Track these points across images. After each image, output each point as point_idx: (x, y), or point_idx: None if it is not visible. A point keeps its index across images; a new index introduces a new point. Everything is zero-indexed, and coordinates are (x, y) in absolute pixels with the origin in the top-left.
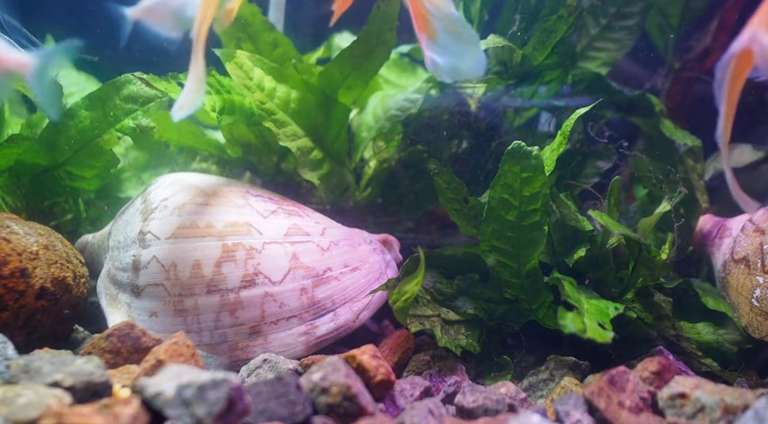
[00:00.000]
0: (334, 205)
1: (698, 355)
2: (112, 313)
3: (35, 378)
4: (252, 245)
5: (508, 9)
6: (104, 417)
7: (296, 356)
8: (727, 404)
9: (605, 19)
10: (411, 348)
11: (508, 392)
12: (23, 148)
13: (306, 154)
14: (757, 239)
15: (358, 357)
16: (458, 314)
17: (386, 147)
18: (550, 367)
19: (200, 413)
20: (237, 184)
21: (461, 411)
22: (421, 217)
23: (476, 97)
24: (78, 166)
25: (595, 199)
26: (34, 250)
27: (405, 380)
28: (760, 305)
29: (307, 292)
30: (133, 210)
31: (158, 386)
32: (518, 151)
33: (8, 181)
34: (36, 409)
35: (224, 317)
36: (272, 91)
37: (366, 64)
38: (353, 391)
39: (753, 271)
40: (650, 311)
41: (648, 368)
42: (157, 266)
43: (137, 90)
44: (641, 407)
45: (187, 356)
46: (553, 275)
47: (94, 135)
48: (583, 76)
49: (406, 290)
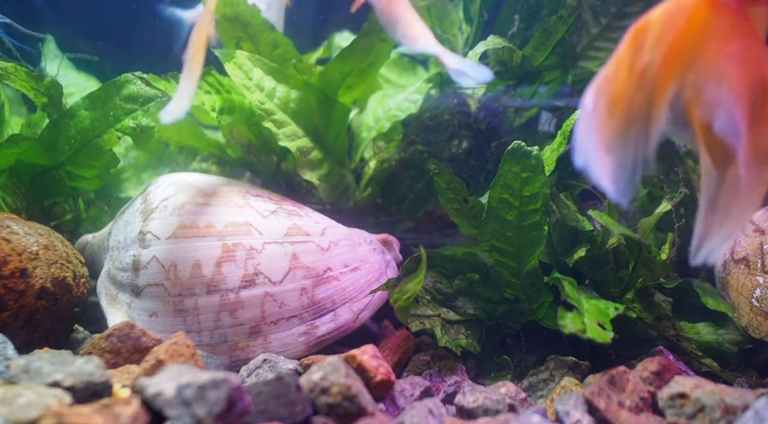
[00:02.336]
0: (334, 206)
1: (698, 355)
2: (112, 313)
3: (35, 378)
4: (252, 245)
5: (508, 9)
6: (104, 417)
7: (296, 356)
8: (727, 404)
9: (605, 19)
10: (411, 348)
11: (508, 392)
12: (23, 148)
13: (306, 155)
14: (757, 239)
15: (358, 357)
16: (458, 314)
17: (386, 147)
18: (550, 367)
19: (200, 413)
20: (237, 184)
21: (461, 411)
22: (421, 217)
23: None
24: (78, 166)
25: (595, 199)
26: (34, 250)
27: (405, 380)
28: (760, 305)
29: (307, 292)
30: (133, 210)
31: (158, 386)
32: (518, 151)
33: (8, 181)
34: (36, 409)
35: (224, 317)
36: (272, 91)
37: (366, 64)
38: (353, 391)
39: (753, 271)
40: (650, 311)
41: (648, 368)
42: (157, 266)
43: (137, 90)
44: (641, 407)
45: (187, 356)
46: (553, 275)
47: (94, 135)
48: (583, 76)
49: (407, 289)
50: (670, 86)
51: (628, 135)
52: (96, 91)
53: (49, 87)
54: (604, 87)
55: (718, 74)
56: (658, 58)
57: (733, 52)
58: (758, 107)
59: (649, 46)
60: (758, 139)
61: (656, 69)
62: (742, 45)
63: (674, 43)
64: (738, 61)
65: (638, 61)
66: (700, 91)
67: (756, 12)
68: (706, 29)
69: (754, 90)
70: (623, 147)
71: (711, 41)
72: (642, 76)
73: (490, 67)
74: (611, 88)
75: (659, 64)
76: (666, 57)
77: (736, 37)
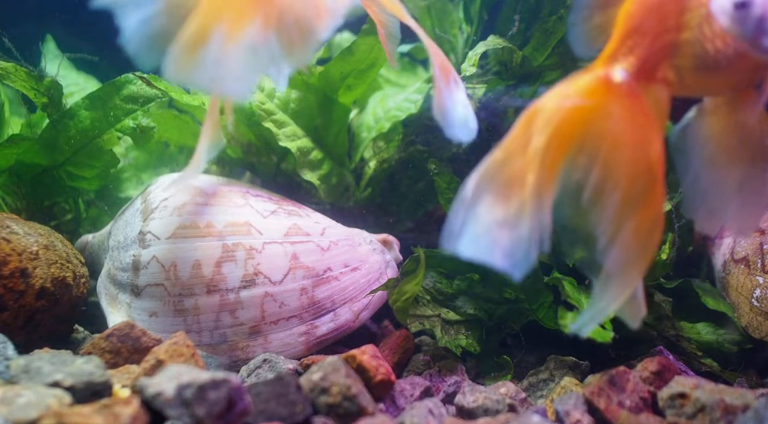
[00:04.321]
0: (334, 206)
1: (698, 355)
2: (112, 313)
3: (35, 378)
4: (252, 245)
5: (508, 9)
6: (104, 417)
7: (296, 356)
8: (727, 404)
9: None
10: (411, 348)
11: (508, 392)
12: (23, 148)
13: (306, 155)
14: (757, 239)
15: (358, 357)
16: (458, 314)
17: (386, 147)
18: (550, 367)
19: (200, 413)
20: (237, 184)
21: (461, 411)
22: (421, 217)
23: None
24: (78, 166)
25: None
26: (34, 250)
27: (405, 380)
28: (760, 305)
29: (307, 292)
30: (133, 210)
31: (158, 386)
32: None
33: (8, 181)
34: (36, 409)
35: (224, 317)
36: (272, 92)
37: (366, 65)
38: (353, 391)
39: (753, 271)
40: (650, 311)
41: (648, 368)
42: (157, 266)
43: (137, 90)
44: (641, 407)
45: (187, 356)
46: (553, 275)
47: (94, 135)
48: None
49: (406, 289)
50: (560, 167)
51: (523, 214)
52: (96, 91)
53: (49, 87)
54: (492, 172)
55: (604, 156)
56: (548, 139)
57: (621, 134)
58: (643, 188)
59: (540, 128)
60: (641, 224)
61: (546, 150)
62: (633, 126)
63: (565, 124)
64: (625, 144)
65: (530, 143)
66: (589, 173)
67: (652, 93)
68: (598, 111)
69: (640, 171)
70: (518, 226)
71: (601, 122)
72: (533, 158)
73: (490, 67)
74: (505, 171)
75: (549, 146)
76: (556, 138)
77: (627, 118)
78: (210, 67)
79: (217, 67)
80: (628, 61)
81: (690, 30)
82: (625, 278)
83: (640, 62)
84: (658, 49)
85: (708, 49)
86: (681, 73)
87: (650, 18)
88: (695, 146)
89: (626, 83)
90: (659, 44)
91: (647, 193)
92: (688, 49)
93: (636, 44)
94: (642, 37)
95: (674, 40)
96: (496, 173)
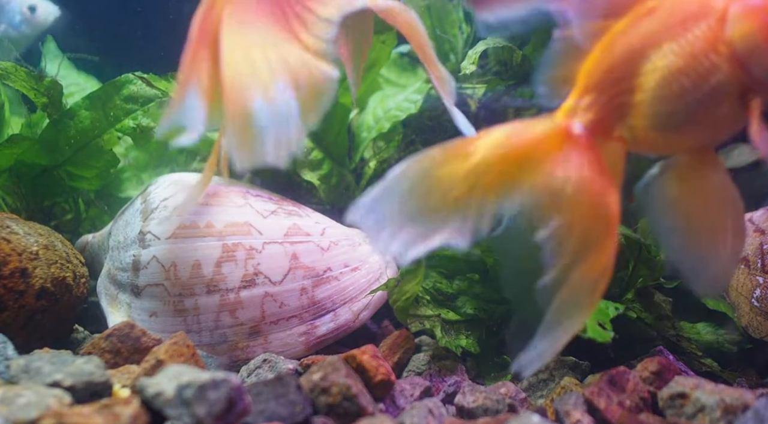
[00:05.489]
0: (334, 206)
1: (698, 355)
2: (112, 313)
3: (35, 378)
4: (252, 245)
5: None
6: (104, 417)
7: (296, 356)
8: (727, 404)
9: None
10: (411, 348)
11: (508, 392)
12: (23, 148)
13: (306, 155)
14: (757, 239)
15: (358, 357)
16: (458, 314)
17: (386, 147)
18: (550, 367)
19: (200, 413)
20: (237, 184)
21: (461, 411)
22: None
23: (476, 98)
24: (78, 166)
25: None
26: (34, 250)
27: (405, 380)
28: (760, 305)
29: (307, 292)
30: (133, 210)
31: (158, 386)
32: None
33: (8, 181)
34: (36, 409)
35: (224, 316)
36: None
37: (366, 65)
38: (353, 391)
39: (753, 271)
40: (650, 311)
41: (648, 368)
42: (157, 266)
43: (137, 90)
44: (641, 407)
45: (187, 356)
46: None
47: (94, 135)
48: None
49: (406, 289)
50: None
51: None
52: (96, 91)
53: (49, 87)
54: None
55: (560, 200)
56: (491, 163)
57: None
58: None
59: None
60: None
61: (489, 174)
62: (590, 175)
63: (515, 156)
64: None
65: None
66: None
67: (608, 148)
68: (550, 154)
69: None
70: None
71: (558, 166)
72: (474, 172)
73: (490, 67)
74: (441, 169)
75: (490, 170)
76: (500, 165)
77: (583, 166)
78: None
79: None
80: (587, 117)
81: (644, 93)
82: (570, 321)
83: (597, 119)
84: (614, 109)
85: (661, 112)
86: (636, 132)
87: (606, 79)
88: (658, 206)
89: (584, 136)
90: (614, 104)
91: (600, 240)
92: (642, 111)
93: (594, 102)
94: (599, 95)
95: (629, 101)
96: (429, 168)
